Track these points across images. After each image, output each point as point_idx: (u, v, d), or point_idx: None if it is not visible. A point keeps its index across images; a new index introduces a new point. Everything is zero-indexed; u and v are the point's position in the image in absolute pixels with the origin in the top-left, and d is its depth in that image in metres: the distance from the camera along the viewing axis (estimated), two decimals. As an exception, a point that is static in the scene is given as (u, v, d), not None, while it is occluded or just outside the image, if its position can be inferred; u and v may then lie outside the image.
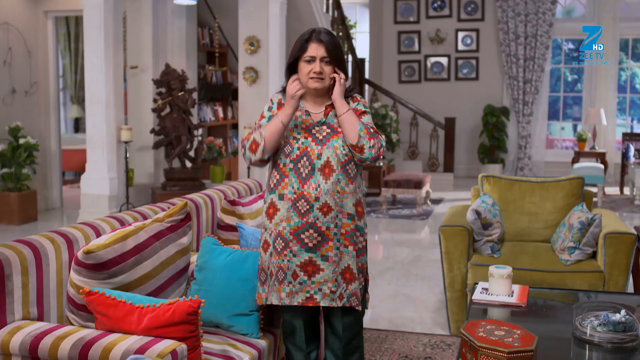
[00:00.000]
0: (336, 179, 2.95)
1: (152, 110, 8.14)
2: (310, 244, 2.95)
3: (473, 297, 3.50)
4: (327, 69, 2.96)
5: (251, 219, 3.97)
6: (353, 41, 12.13)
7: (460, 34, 12.78)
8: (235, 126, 10.92)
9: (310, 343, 3.20)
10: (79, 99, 12.46)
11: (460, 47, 12.79)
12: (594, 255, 4.44)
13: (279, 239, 3.00)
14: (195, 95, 8.87)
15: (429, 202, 9.46)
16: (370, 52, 13.18)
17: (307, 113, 3.04)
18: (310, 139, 2.99)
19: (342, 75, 2.99)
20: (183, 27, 8.88)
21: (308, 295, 2.97)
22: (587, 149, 11.31)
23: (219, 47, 10.06)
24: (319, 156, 2.96)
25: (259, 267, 3.11)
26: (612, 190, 11.17)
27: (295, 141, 2.99)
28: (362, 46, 13.82)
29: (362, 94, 11.99)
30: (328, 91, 3.03)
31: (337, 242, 2.97)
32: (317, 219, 2.94)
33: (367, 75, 12.50)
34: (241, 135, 8.43)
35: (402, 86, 12.91)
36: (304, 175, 2.95)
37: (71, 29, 12.26)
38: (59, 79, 9.30)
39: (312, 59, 2.94)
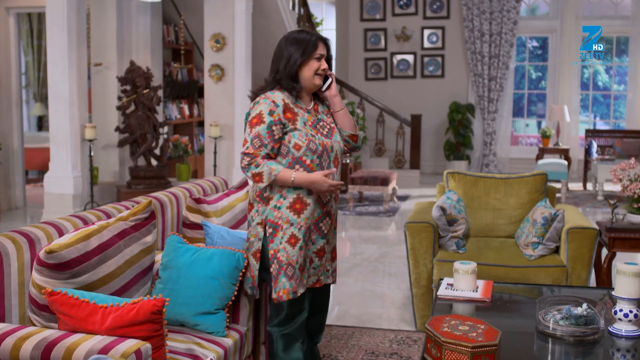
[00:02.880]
0: (340, 168, 3.28)
1: (116, 108, 8.06)
2: (325, 231, 3.22)
3: (438, 293, 3.53)
4: (326, 66, 3.19)
5: (217, 217, 3.95)
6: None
7: (426, 32, 12.85)
8: (201, 124, 10.86)
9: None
10: (42, 97, 12.29)
11: (426, 44, 12.86)
12: (557, 250, 4.50)
13: (307, 231, 3.14)
14: (160, 92, 8.80)
15: (395, 199, 9.50)
16: (337, 50, 13.18)
17: (308, 111, 3.21)
18: (320, 135, 3.18)
19: (333, 74, 3.27)
20: (148, 24, 8.80)
21: (317, 278, 3.24)
22: (551, 145, 11.46)
23: (184, 45, 9.99)
24: (332, 149, 3.20)
25: (285, 263, 3.08)
26: (576, 186, 11.32)
27: (314, 138, 3.13)
28: (328, 43, 13.83)
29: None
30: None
31: (334, 224, 3.32)
32: (332, 207, 3.23)
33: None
34: (207, 132, 8.39)
35: (368, 83, 12.95)
36: (325, 167, 3.16)
37: (34, 25, 12.08)
38: (21, 76, 9.16)
39: (321, 57, 3.14)
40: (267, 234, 3.13)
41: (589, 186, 11.18)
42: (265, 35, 9.60)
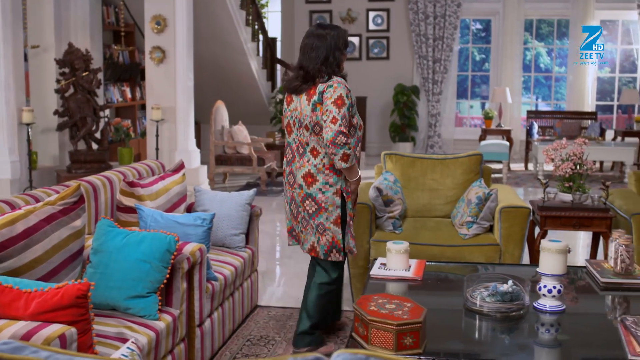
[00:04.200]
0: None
1: (55, 91, 7.90)
2: None
3: (371, 273, 3.57)
4: None
5: (151, 200, 3.93)
6: (265, 20, 12.06)
7: (371, 14, 12.87)
8: (144, 107, 10.71)
9: None
10: (-20, 80, 11.98)
11: (371, 26, 12.88)
12: (491, 229, 4.59)
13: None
14: (100, 75, 8.65)
15: (340, 181, 9.53)
16: (282, 32, 13.14)
17: None
18: None
19: None
20: (87, 6, 8.62)
21: None
22: (493, 126, 11.63)
23: (125, 26, 9.82)
24: None
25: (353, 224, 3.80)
26: (518, 166, 11.52)
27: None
28: (274, 26, 13.78)
29: (274, 73, 11.98)
30: None
31: None
32: None
33: (279, 55, 12.47)
34: (149, 115, 8.29)
35: (314, 66, 12.91)
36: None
37: (-30, 6, 11.74)
38: (-44, 58, 8.89)
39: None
40: (346, 201, 3.62)
41: (530, 166, 11.38)
42: (208, 17, 9.51)
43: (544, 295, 3.06)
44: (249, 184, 9.46)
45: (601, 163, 11.28)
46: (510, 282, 3.06)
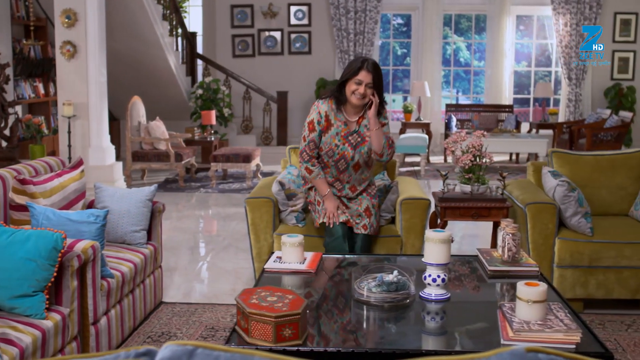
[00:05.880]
0: (361, 171, 4.28)
1: (-39, 87, 7.66)
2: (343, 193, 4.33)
3: (265, 266, 3.59)
4: (369, 91, 4.06)
5: (44, 197, 3.86)
6: (185, 14, 11.91)
7: (293, 8, 12.87)
8: (59, 103, 10.45)
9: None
10: None
11: (293, 21, 12.89)
12: (393, 221, 4.66)
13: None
14: (9, 70, 8.42)
15: (259, 176, 9.53)
16: (204, 26, 13.03)
17: (346, 123, 4.17)
18: (347, 145, 4.17)
19: (377, 99, 4.09)
20: (-6, -1, 8.39)
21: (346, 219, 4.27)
22: (413, 120, 11.80)
23: (36, 20, 9.58)
24: (352, 158, 4.20)
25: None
26: (437, 159, 11.72)
27: (337, 148, 4.17)
28: (195, 20, 13.64)
29: (194, 69, 11.87)
30: (364, 105, 4.15)
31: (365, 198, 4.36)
32: (349, 188, 4.31)
33: (200, 50, 12.36)
34: (60, 111, 8.11)
35: (236, 60, 12.86)
36: (341, 169, 4.24)
37: None
38: None
39: (360, 82, 4.03)
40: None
41: (450, 159, 11.57)
42: (121, 11, 9.34)
43: (429, 284, 3.13)
44: (168, 180, 9.37)
45: (517, 155, 11.58)
46: (395, 272, 3.12)
